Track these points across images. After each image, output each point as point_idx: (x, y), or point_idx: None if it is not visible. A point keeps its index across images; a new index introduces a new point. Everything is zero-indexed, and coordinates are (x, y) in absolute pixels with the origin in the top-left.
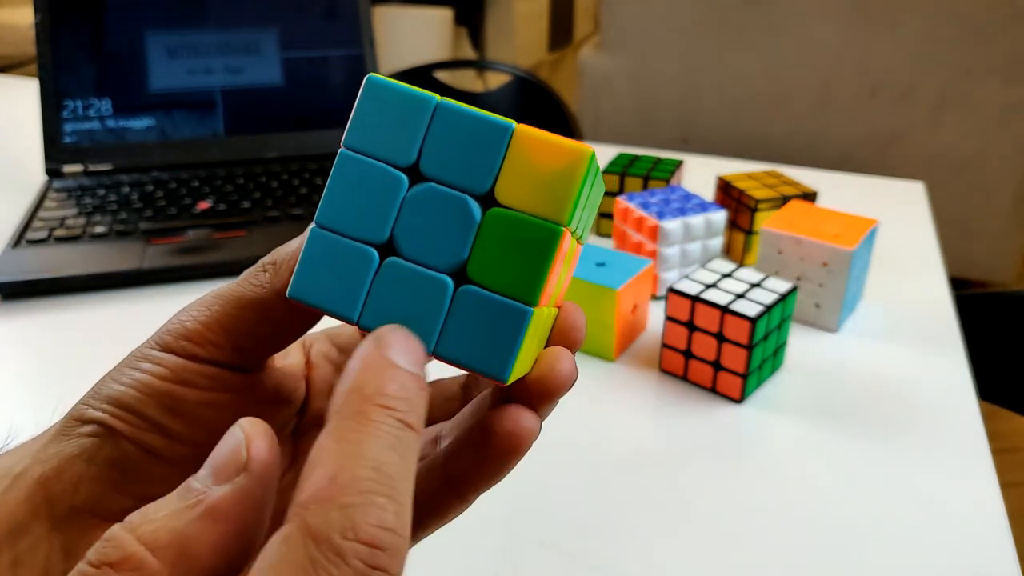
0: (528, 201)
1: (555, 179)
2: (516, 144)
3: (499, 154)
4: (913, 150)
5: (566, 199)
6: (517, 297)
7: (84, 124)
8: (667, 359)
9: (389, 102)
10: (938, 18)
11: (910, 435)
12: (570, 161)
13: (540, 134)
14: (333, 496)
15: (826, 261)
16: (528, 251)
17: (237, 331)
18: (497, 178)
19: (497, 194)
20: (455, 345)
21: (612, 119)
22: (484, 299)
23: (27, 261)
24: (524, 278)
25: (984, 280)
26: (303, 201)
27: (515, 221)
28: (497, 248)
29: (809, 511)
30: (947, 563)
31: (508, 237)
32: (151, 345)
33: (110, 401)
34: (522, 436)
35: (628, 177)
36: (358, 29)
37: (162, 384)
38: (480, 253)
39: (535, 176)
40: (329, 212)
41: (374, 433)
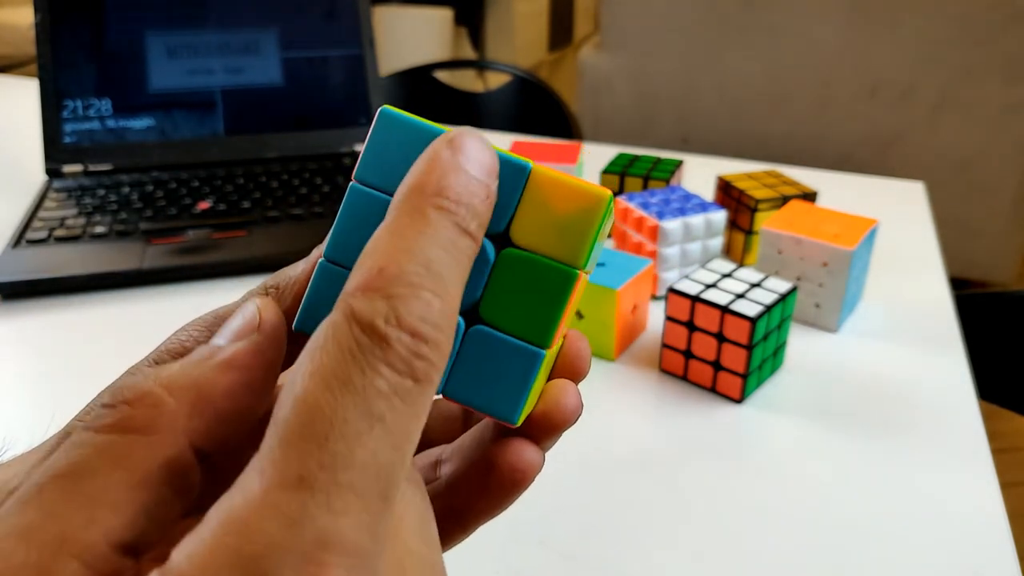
0: (544, 243)
1: (572, 222)
2: (533, 184)
3: (516, 194)
4: (913, 150)
5: (583, 242)
6: (530, 340)
7: (84, 124)
8: (667, 359)
9: (401, 135)
10: (938, 18)
11: (910, 435)
12: (589, 204)
13: (558, 176)
14: (381, 286)
15: (826, 261)
16: (543, 293)
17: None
18: (513, 218)
19: (513, 235)
20: (465, 386)
21: (612, 119)
22: (496, 340)
23: (27, 261)
24: (538, 320)
25: (984, 280)
26: (303, 201)
27: (530, 263)
28: (511, 289)
29: (809, 511)
30: (947, 563)
31: (522, 278)
32: (147, 363)
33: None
34: (525, 471)
35: (628, 177)
36: (358, 29)
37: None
38: (493, 293)
39: (552, 218)
40: (338, 246)
41: (430, 232)
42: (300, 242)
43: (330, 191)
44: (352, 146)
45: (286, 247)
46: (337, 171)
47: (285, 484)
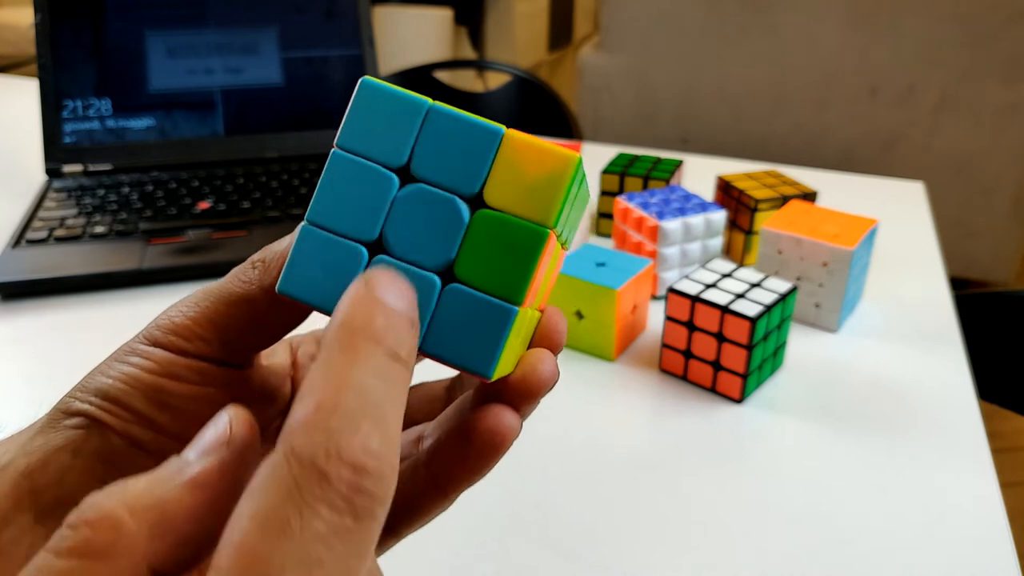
0: (516, 204)
1: (542, 183)
2: (505, 148)
3: (489, 158)
4: (913, 150)
5: (553, 202)
6: (503, 296)
7: (84, 124)
8: (667, 359)
9: (382, 104)
10: (938, 18)
11: (910, 435)
12: (557, 166)
13: (529, 139)
14: (318, 421)
15: (826, 261)
16: (515, 252)
17: (225, 327)
18: (486, 181)
19: (486, 196)
20: (442, 342)
21: (612, 119)
22: (471, 298)
23: (27, 261)
24: (510, 278)
25: (984, 280)
26: (303, 201)
27: (503, 222)
28: (484, 248)
29: (809, 511)
30: (947, 563)
31: (495, 238)
32: (139, 340)
33: (97, 394)
34: (503, 434)
35: (628, 177)
36: (358, 29)
37: (150, 378)
38: (468, 253)
39: (523, 180)
40: (320, 209)
41: (361, 362)
42: None
43: None
44: None
45: None
46: None
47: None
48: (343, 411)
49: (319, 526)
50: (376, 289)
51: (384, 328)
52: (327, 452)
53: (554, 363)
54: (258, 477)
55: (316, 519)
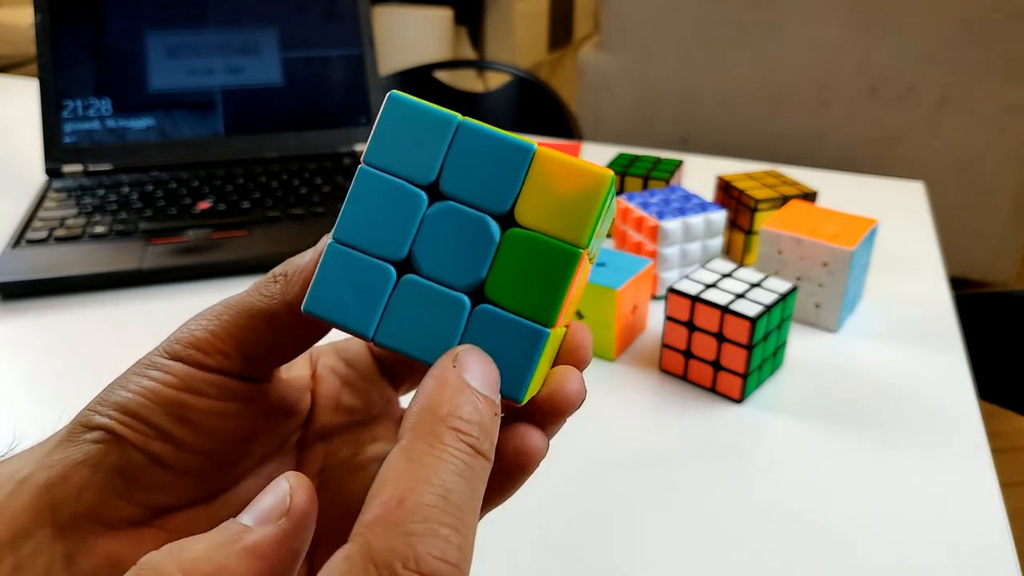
0: (548, 223)
1: (575, 202)
2: (537, 166)
3: (520, 175)
4: (913, 150)
5: (586, 222)
6: (534, 318)
7: (84, 124)
8: (667, 359)
9: (411, 120)
10: (938, 18)
11: (910, 435)
12: (591, 184)
13: (561, 156)
14: (399, 520)
15: (826, 261)
16: (547, 272)
17: (246, 341)
18: (517, 199)
19: (517, 215)
20: None
21: (612, 119)
22: (501, 319)
23: (27, 261)
24: (542, 299)
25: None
26: (303, 201)
27: (534, 242)
28: (515, 268)
29: (809, 511)
30: (947, 563)
31: (527, 258)
32: (160, 353)
33: (117, 408)
34: (530, 455)
35: (628, 177)
36: (358, 29)
37: (171, 392)
38: (498, 273)
39: (555, 198)
40: (348, 228)
41: (445, 458)
42: (300, 242)
43: (330, 191)
44: (352, 146)
45: (286, 247)
46: (337, 171)
47: None
48: (424, 513)
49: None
50: (465, 372)
51: (470, 418)
52: (405, 559)
53: (581, 381)
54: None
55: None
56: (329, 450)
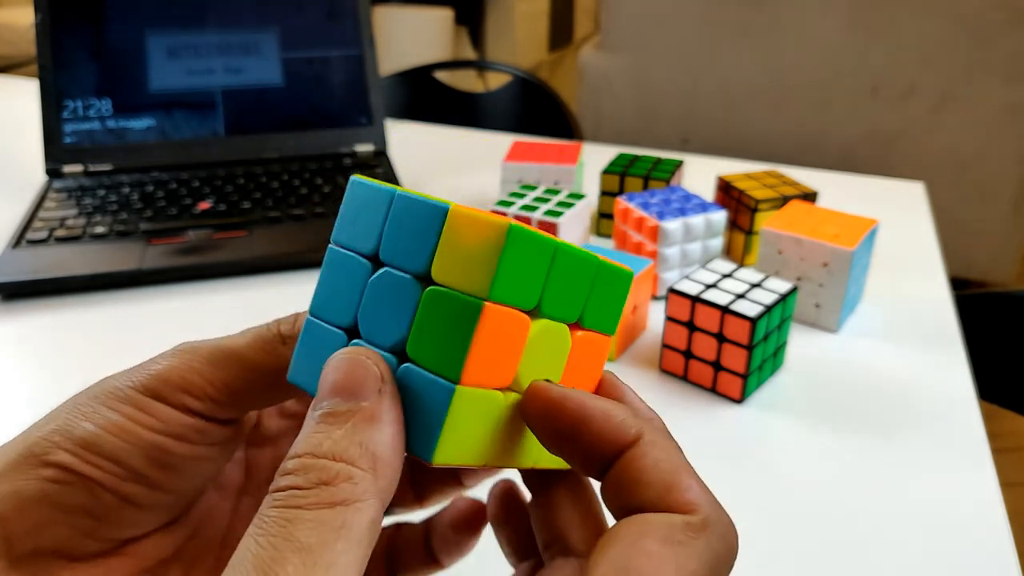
0: (456, 278)
1: (478, 252)
2: (450, 223)
3: (434, 234)
4: (913, 150)
5: (485, 271)
6: (442, 374)
7: (84, 124)
8: (667, 359)
9: (363, 197)
10: (938, 18)
11: (910, 435)
12: (491, 234)
13: (470, 212)
14: None
15: (826, 261)
16: (454, 327)
17: (240, 392)
18: (433, 258)
19: (433, 273)
20: None
21: (612, 119)
22: (418, 377)
23: (27, 261)
24: (449, 354)
25: (984, 280)
26: (303, 201)
27: (444, 297)
28: (430, 325)
29: (809, 511)
30: (947, 563)
31: (439, 314)
32: (134, 385)
33: (84, 445)
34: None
35: (628, 177)
36: (358, 29)
37: (151, 435)
38: (417, 331)
39: (463, 253)
40: (318, 301)
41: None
42: (300, 242)
43: (330, 191)
44: (352, 146)
45: (286, 247)
46: (337, 171)
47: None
48: None
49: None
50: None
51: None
52: None
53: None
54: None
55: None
56: (276, 454)
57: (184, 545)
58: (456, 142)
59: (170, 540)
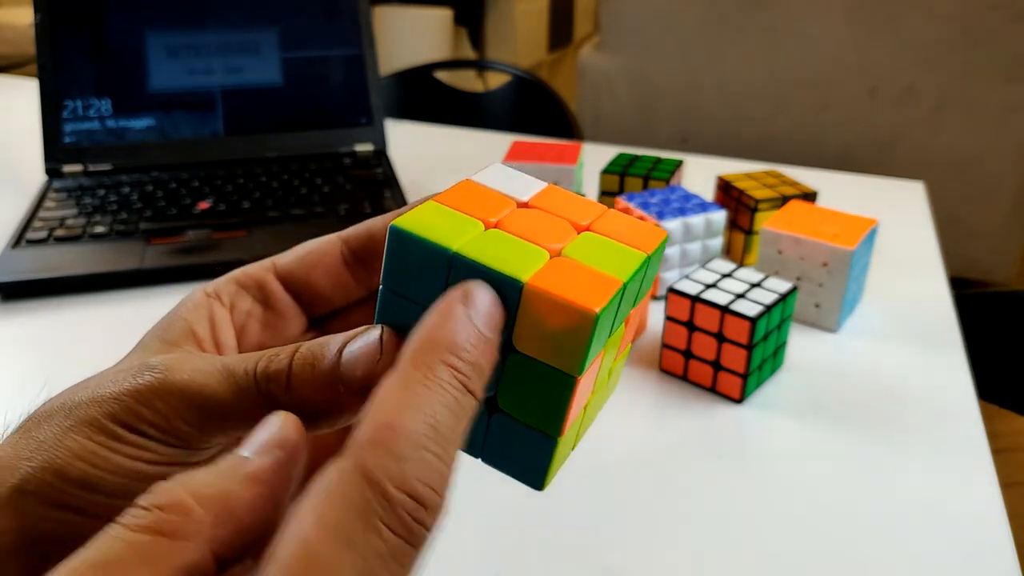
0: (542, 353)
1: (565, 336)
2: (526, 301)
3: (512, 307)
4: (913, 150)
5: (576, 354)
6: (542, 430)
7: (84, 124)
8: (667, 359)
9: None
10: (938, 18)
11: (910, 435)
12: (577, 323)
13: (548, 294)
14: (390, 443)
15: (826, 261)
16: (548, 393)
17: (224, 430)
18: (513, 330)
19: (515, 343)
20: (497, 457)
21: (612, 119)
22: (516, 426)
23: (27, 261)
24: (547, 415)
25: (984, 280)
26: (303, 201)
27: (533, 367)
28: (521, 387)
29: (809, 511)
30: (947, 563)
31: (529, 379)
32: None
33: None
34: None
35: (628, 177)
36: (358, 29)
37: (151, 468)
38: (507, 390)
39: (546, 332)
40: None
41: (437, 390)
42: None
43: (330, 191)
44: (352, 146)
45: (286, 247)
46: (337, 171)
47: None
48: (413, 439)
49: (379, 544)
50: (472, 310)
51: (466, 358)
52: (394, 479)
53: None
54: (325, 481)
55: (377, 537)
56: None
57: None
58: (456, 142)
59: None
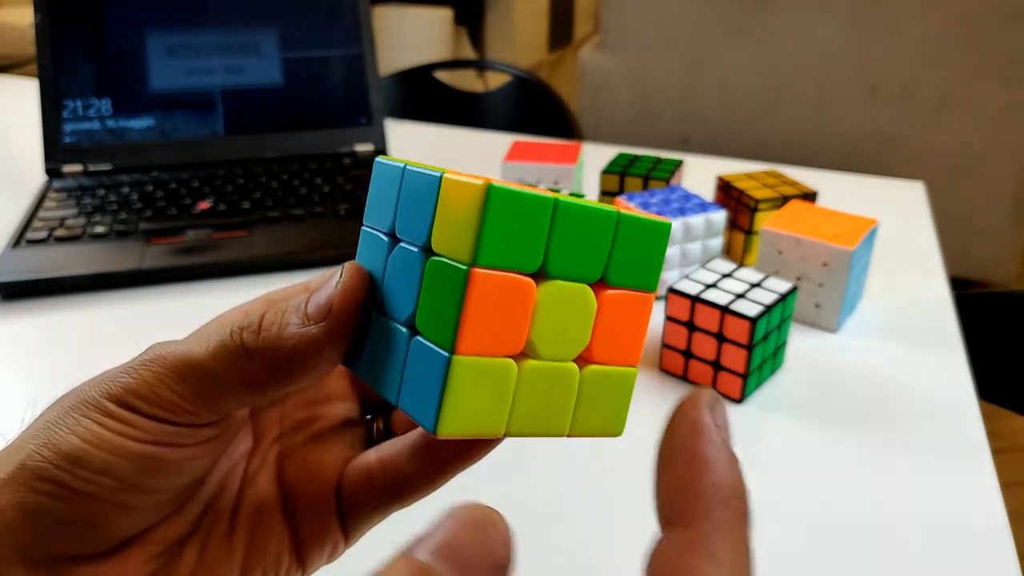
0: (449, 246)
1: (462, 218)
2: (443, 192)
3: (432, 204)
4: (913, 150)
5: (470, 236)
6: (439, 343)
7: (84, 124)
8: (667, 359)
9: (383, 176)
10: (938, 18)
11: (910, 435)
12: (470, 197)
13: (458, 178)
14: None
15: (826, 261)
16: (447, 296)
17: (215, 401)
18: (431, 229)
19: (432, 243)
20: (408, 397)
21: (612, 119)
22: (424, 349)
23: (27, 261)
24: (444, 324)
25: (984, 280)
26: (303, 201)
27: (441, 267)
28: (432, 296)
29: (809, 511)
30: (947, 563)
31: (437, 285)
32: (109, 398)
33: (73, 461)
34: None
35: (628, 177)
36: (358, 29)
37: (138, 447)
38: (423, 304)
39: (452, 220)
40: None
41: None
42: (300, 242)
43: (330, 191)
44: (352, 146)
45: (286, 247)
46: (337, 171)
47: None
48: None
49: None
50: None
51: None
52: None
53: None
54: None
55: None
56: (283, 414)
57: (198, 518)
58: (456, 142)
59: (183, 518)
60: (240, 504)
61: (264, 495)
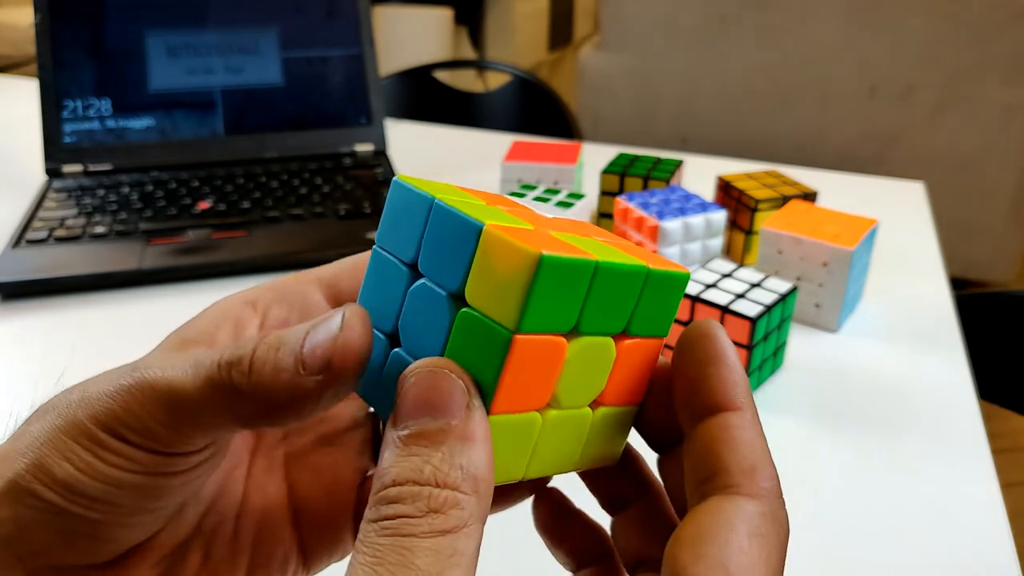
0: (489, 304)
1: (508, 282)
2: (483, 244)
3: (468, 253)
4: (913, 150)
5: (514, 302)
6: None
7: (84, 124)
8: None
9: (404, 201)
10: (938, 18)
11: (910, 435)
12: (520, 264)
13: (503, 235)
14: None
15: (826, 261)
16: (484, 354)
17: (204, 432)
18: (466, 278)
19: (466, 295)
20: None
21: (612, 119)
22: None
23: (27, 261)
24: (482, 380)
25: (984, 280)
26: (303, 201)
27: (476, 323)
28: (464, 346)
29: (809, 511)
30: (947, 563)
31: (472, 337)
32: (97, 423)
33: (67, 487)
34: None
35: (628, 177)
36: (358, 29)
37: (132, 477)
38: (453, 351)
39: (494, 279)
40: (363, 303)
41: None
42: (300, 242)
43: (330, 191)
44: (352, 146)
45: (286, 247)
46: (337, 171)
47: None
48: None
49: None
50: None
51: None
52: None
53: None
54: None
55: None
56: None
57: (200, 521)
58: (456, 142)
59: (185, 523)
60: (246, 509)
61: (272, 503)
